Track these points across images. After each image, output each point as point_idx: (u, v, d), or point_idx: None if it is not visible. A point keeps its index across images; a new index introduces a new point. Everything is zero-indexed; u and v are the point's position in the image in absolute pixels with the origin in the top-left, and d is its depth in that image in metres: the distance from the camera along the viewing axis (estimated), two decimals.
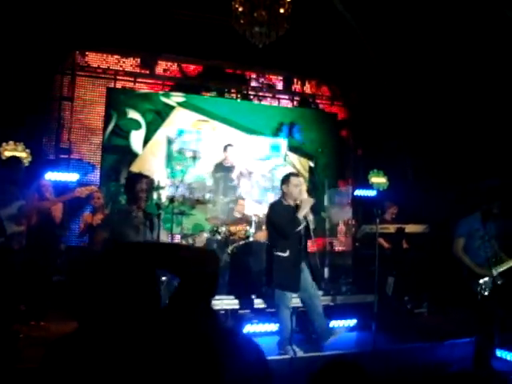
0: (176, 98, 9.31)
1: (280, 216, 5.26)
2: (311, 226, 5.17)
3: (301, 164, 10.08)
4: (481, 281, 5.13)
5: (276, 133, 9.95)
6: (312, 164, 10.14)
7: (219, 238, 7.02)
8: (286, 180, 5.40)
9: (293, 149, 10.04)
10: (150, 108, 9.06)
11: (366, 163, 9.85)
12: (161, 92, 9.34)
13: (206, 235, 4.88)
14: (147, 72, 9.41)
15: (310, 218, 5.19)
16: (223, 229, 6.64)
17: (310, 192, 9.49)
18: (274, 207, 5.46)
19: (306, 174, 10.01)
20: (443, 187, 8.40)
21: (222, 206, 8.02)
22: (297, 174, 5.66)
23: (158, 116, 9.11)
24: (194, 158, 7.36)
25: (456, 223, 5.50)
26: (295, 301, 5.54)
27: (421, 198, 8.60)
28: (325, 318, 5.41)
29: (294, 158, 9.96)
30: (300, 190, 5.29)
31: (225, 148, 8.55)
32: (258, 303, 6.49)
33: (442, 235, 6.34)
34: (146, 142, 8.98)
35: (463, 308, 5.70)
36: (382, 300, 6.90)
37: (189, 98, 9.40)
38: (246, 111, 9.79)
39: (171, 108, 9.23)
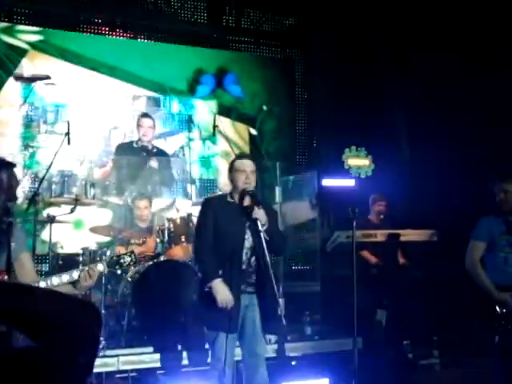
0: (28, 35, 9.18)
1: (210, 216, 5.30)
2: (261, 227, 5.17)
3: (237, 132, 10.23)
4: (499, 310, 5.33)
5: (191, 88, 10.01)
6: (254, 131, 10.26)
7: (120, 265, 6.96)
8: (230, 166, 5.51)
9: (223, 110, 10.15)
10: None
11: (338, 135, 10.02)
12: (1, 24, 9.10)
13: (100, 268, 4.74)
14: None
15: (256, 214, 5.18)
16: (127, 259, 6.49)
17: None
18: (205, 203, 5.52)
19: (246, 148, 10.17)
20: (457, 172, 8.64)
21: (115, 209, 7.98)
22: (244, 156, 5.72)
23: None
24: (67, 133, 7.23)
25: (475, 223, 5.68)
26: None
27: (423, 189, 8.83)
28: None
29: (225, 124, 10.03)
30: (247, 177, 5.33)
31: (139, 120, 8.52)
32: (182, 357, 6.53)
33: (456, 245, 6.52)
34: None
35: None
36: (369, 347, 7.06)
37: (49, 36, 9.29)
38: (142, 56, 9.84)
39: (21, 53, 9.11)
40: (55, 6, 9.49)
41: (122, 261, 4.81)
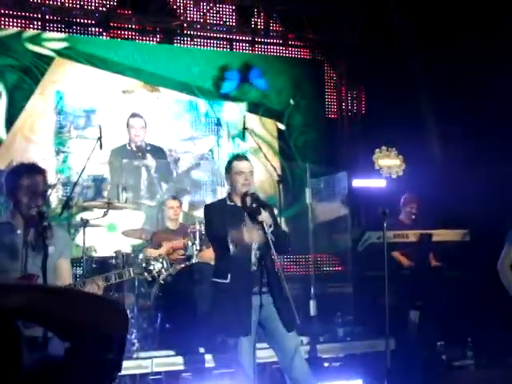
0: (53, 43, 9.25)
1: (214, 222, 5.32)
2: (268, 230, 5.16)
3: (265, 128, 10.23)
4: None
5: (217, 86, 10.06)
6: (282, 126, 10.28)
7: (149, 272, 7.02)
8: (227, 167, 5.45)
9: (251, 106, 10.19)
10: (11, 63, 8.97)
11: (368, 136, 10.00)
12: (27, 32, 9.16)
13: (127, 274, 4.80)
14: None
15: (261, 217, 5.18)
16: (157, 266, 6.53)
17: (283, 173, 9.92)
18: (208, 208, 5.53)
19: (275, 144, 10.16)
20: (492, 171, 8.58)
21: (146, 211, 8.05)
22: (243, 157, 5.67)
23: (26, 76, 9.03)
24: (100, 138, 7.30)
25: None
26: (265, 354, 5.60)
27: (456, 189, 8.79)
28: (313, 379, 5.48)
29: (253, 120, 10.05)
30: (246, 179, 5.33)
31: (128, 120, 8.54)
32: (209, 360, 6.55)
33: (489, 245, 6.51)
34: (10, 119, 8.90)
35: None
36: (402, 348, 7.05)
37: (74, 42, 9.37)
38: (169, 59, 9.92)
39: (48, 60, 9.19)
40: (81, 12, 9.58)
41: (151, 267, 4.82)
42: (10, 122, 8.90)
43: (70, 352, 1.76)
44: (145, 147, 8.50)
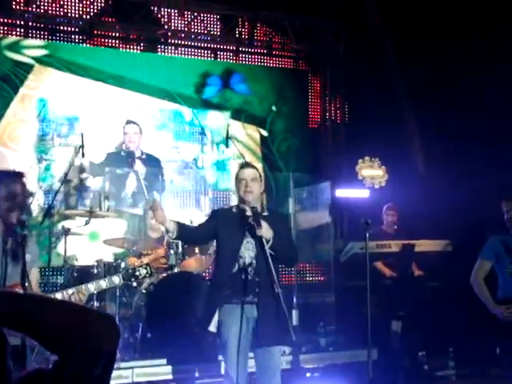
0: (33, 50, 9.19)
1: (211, 223, 5.35)
2: (266, 244, 5.15)
3: (247, 134, 10.25)
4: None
5: (198, 91, 10.07)
6: (265, 132, 10.31)
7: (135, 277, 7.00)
8: (235, 176, 5.48)
9: (233, 112, 10.21)
10: None
11: (351, 145, 10.02)
12: (6, 40, 9.08)
13: (117, 280, 4.83)
14: None
15: (265, 233, 5.18)
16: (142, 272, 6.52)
17: (266, 179, 9.90)
18: (211, 213, 5.59)
19: (258, 150, 10.23)
20: (474, 183, 8.62)
21: (128, 220, 8.00)
22: (248, 164, 5.68)
23: (5, 83, 8.96)
24: (82, 146, 7.26)
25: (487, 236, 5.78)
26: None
27: (439, 200, 8.81)
28: None
29: (236, 127, 10.09)
30: (246, 186, 5.31)
31: (123, 128, 8.50)
32: (193, 369, 6.54)
33: (471, 255, 6.54)
34: None
35: None
36: (384, 358, 7.05)
37: (54, 50, 9.31)
38: (151, 66, 9.89)
39: (27, 68, 9.13)
40: (61, 19, 9.52)
41: (137, 273, 4.88)
42: None
43: (58, 366, 1.73)
44: (140, 155, 8.47)
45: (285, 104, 10.41)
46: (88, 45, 9.68)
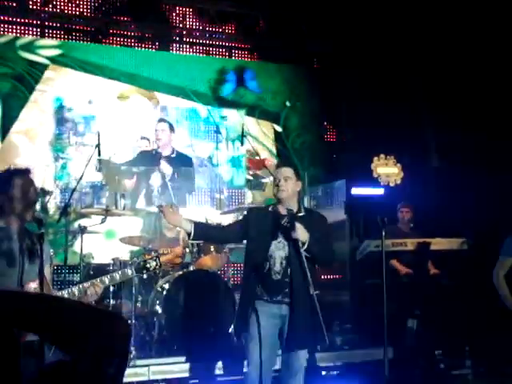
0: (47, 50, 9.24)
1: (241, 223, 5.35)
2: (301, 246, 5.11)
3: (262, 130, 10.26)
4: None
5: (217, 88, 10.11)
6: (279, 128, 10.30)
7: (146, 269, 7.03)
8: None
9: (247, 109, 10.24)
10: (5, 72, 8.95)
11: (365, 143, 10.00)
12: (21, 40, 9.14)
13: (129, 272, 4.88)
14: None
15: (295, 235, 5.14)
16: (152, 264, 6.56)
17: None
18: (247, 213, 5.56)
19: (273, 146, 10.22)
20: (490, 180, 8.59)
21: (144, 218, 8.03)
22: (284, 164, 5.69)
23: (19, 83, 9.01)
24: (98, 145, 7.30)
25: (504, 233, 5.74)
26: None
27: (455, 198, 8.78)
28: None
29: (250, 123, 10.10)
30: (279, 185, 5.31)
31: (156, 125, 8.57)
32: (219, 367, 6.52)
33: (489, 253, 6.51)
34: (5, 127, 8.88)
35: None
36: (400, 356, 7.03)
37: (68, 49, 9.36)
38: (165, 64, 9.95)
39: (42, 68, 9.17)
40: (77, 19, 9.60)
41: (148, 265, 4.91)
42: (4, 130, 8.87)
43: (72, 365, 1.74)
44: (169, 154, 8.51)
45: (298, 99, 10.43)
46: (102, 44, 9.72)
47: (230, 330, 5.62)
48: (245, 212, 5.66)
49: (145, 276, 6.96)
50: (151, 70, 9.72)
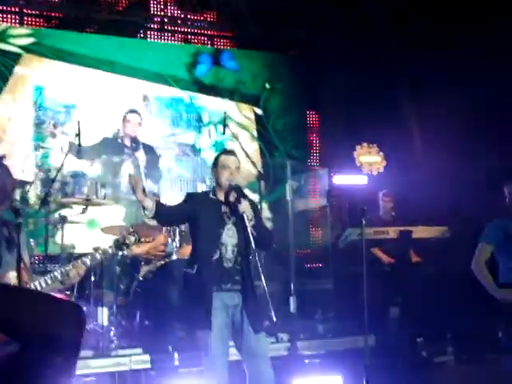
0: (20, 39, 9.12)
1: (186, 206, 5.34)
2: (247, 225, 5.13)
3: (242, 114, 10.26)
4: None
5: (191, 71, 10.06)
6: (259, 111, 10.32)
7: (125, 254, 7.01)
8: (214, 161, 5.46)
9: (226, 92, 10.18)
10: None
11: (349, 131, 10.02)
12: None
13: (110, 250, 4.88)
14: None
15: (242, 208, 5.17)
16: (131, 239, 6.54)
17: (262, 158, 10.01)
18: (187, 197, 5.50)
19: (253, 129, 10.27)
20: (471, 167, 8.63)
21: (126, 207, 8.00)
22: (231, 152, 5.68)
23: None
24: (78, 134, 7.26)
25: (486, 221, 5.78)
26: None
27: (436, 185, 8.82)
28: None
29: (230, 107, 10.08)
30: (231, 174, 5.32)
31: (124, 116, 8.47)
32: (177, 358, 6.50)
33: (470, 241, 6.56)
34: None
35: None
36: (381, 344, 7.07)
37: (42, 38, 9.25)
38: (141, 50, 9.91)
39: (15, 58, 9.07)
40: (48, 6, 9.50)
41: (127, 241, 4.92)
42: None
43: (19, 354, 1.72)
44: (137, 144, 8.45)
45: (279, 81, 10.41)
46: (75, 31, 9.62)
47: None
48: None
49: (125, 253, 6.90)
50: (127, 57, 9.64)
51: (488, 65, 8.47)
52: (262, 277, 4.94)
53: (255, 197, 8.47)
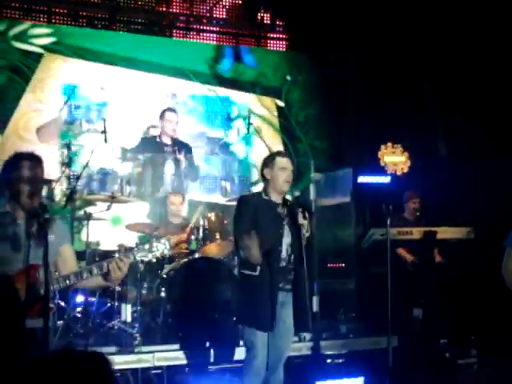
0: (41, 39, 9.12)
1: (246, 215, 5.33)
2: (305, 234, 5.23)
3: (264, 107, 10.22)
4: None
5: (215, 66, 10.07)
6: (281, 103, 10.31)
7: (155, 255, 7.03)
8: (268, 162, 5.45)
9: (247, 86, 10.20)
10: (0, 64, 8.86)
11: (373, 132, 9.99)
12: (13, 30, 9.00)
13: (133, 256, 4.72)
14: None
15: (302, 221, 5.23)
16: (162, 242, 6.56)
17: (286, 150, 9.93)
18: (242, 201, 5.53)
19: (276, 121, 10.22)
20: (497, 168, 8.57)
21: (152, 204, 8.05)
22: (285, 154, 5.74)
23: (15, 75, 8.91)
24: (104, 131, 7.32)
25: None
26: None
27: (461, 186, 8.77)
28: None
29: (251, 100, 10.13)
30: (289, 177, 5.36)
31: (162, 115, 8.55)
32: (212, 355, 6.55)
33: (495, 242, 6.50)
34: (3, 120, 8.81)
35: None
36: (405, 345, 7.05)
37: (62, 37, 9.26)
38: (162, 46, 9.92)
39: (37, 57, 9.08)
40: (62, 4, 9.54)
41: (153, 249, 4.78)
42: (2, 122, 8.78)
43: None
44: (175, 142, 8.51)
45: (299, 73, 10.36)
46: (98, 29, 9.71)
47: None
48: (235, 202, 5.65)
49: (153, 260, 6.92)
50: (148, 53, 9.62)
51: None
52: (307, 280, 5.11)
53: None
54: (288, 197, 5.58)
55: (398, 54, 9.89)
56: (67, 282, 4.31)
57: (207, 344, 6.61)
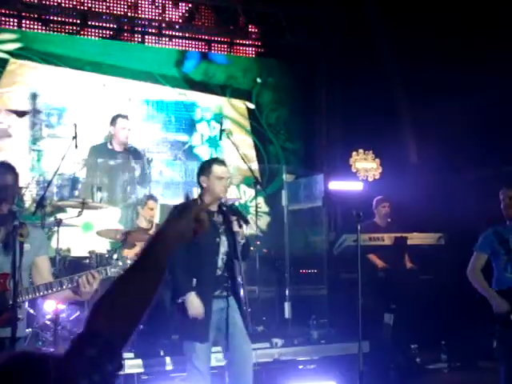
0: (6, 44, 9.05)
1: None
2: (240, 241, 5.22)
3: (234, 109, 10.23)
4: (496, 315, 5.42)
5: (180, 68, 10.04)
6: (251, 105, 10.32)
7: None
8: (204, 169, 5.38)
9: (217, 88, 10.16)
10: None
11: (344, 138, 10.03)
12: None
13: (105, 272, 4.62)
14: None
15: (237, 229, 5.22)
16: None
17: (258, 153, 10.04)
18: (177, 211, 5.45)
19: (246, 124, 10.25)
20: (467, 176, 8.63)
21: (122, 210, 8.00)
22: (222, 162, 5.63)
23: None
24: (75, 137, 7.24)
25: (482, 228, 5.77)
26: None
27: (432, 193, 8.83)
28: None
29: (222, 103, 10.12)
30: (225, 186, 5.34)
31: (113, 120, 8.40)
32: (169, 363, 6.52)
33: (463, 249, 6.55)
34: None
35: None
36: (376, 350, 7.07)
37: (28, 42, 9.17)
38: (129, 50, 9.89)
39: (2, 63, 9.01)
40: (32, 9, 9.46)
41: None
42: None
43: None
44: (128, 148, 8.41)
45: (270, 75, 10.41)
46: (62, 33, 9.64)
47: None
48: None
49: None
50: (115, 57, 9.59)
51: (483, 71, 8.50)
52: (245, 286, 5.21)
53: (251, 192, 8.50)
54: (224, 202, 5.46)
55: (370, 60, 9.93)
56: (36, 293, 4.26)
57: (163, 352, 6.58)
